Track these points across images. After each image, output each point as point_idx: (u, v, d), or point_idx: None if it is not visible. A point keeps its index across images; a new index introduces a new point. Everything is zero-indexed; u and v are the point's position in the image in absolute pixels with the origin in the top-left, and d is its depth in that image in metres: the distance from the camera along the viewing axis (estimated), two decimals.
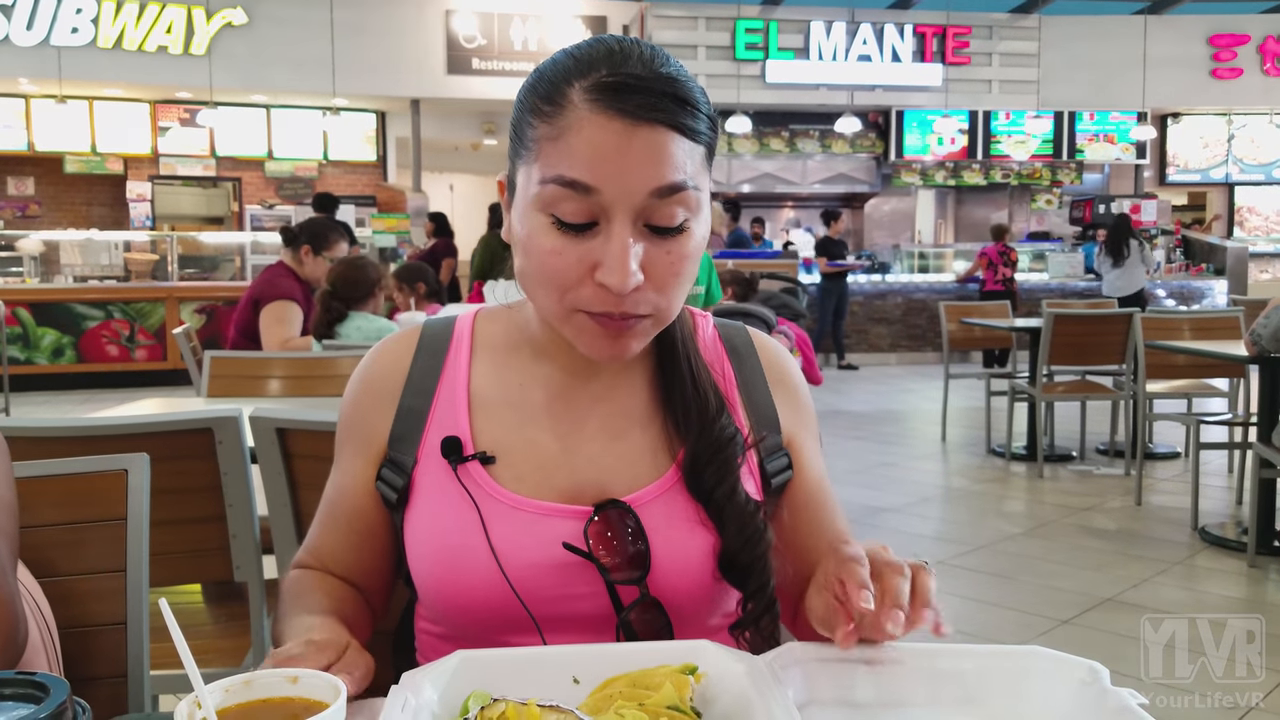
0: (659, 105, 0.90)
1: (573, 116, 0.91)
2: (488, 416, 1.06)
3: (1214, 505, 5.19)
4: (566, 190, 0.90)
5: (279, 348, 4.18)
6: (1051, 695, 0.83)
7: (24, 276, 10.86)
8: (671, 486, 1.03)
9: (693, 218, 0.94)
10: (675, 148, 0.91)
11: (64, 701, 0.66)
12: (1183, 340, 5.12)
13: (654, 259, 0.93)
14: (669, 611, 1.00)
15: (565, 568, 0.99)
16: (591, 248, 0.91)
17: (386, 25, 12.19)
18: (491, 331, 1.12)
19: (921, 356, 12.02)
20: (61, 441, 1.89)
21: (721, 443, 1.03)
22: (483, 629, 1.01)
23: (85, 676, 1.26)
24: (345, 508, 1.10)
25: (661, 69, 0.93)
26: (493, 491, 1.01)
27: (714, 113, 0.98)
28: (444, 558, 1.00)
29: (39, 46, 11.34)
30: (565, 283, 0.93)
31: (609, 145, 0.89)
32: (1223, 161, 15.16)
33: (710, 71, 12.54)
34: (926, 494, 5.76)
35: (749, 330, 1.17)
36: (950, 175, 13.88)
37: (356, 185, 13.61)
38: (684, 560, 1.00)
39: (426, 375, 1.09)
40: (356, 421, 1.11)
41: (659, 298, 0.94)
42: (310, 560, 1.12)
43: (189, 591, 2.43)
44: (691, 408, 1.05)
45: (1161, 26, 13.63)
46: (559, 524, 1.00)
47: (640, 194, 0.90)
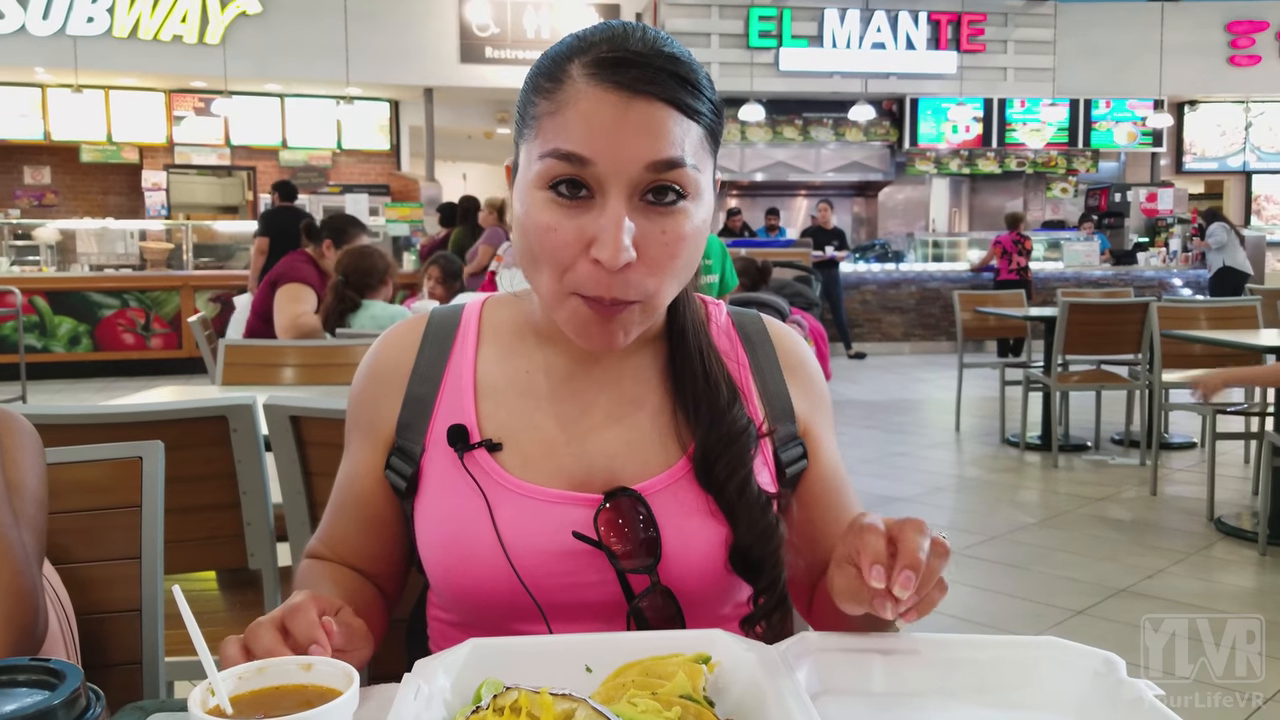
0: (656, 79, 0.90)
1: (571, 91, 0.91)
2: (494, 403, 1.06)
3: (1230, 496, 5.16)
4: (563, 163, 0.90)
5: (289, 324, 4.20)
6: (1066, 686, 0.83)
7: (41, 265, 10.93)
8: (683, 476, 1.02)
9: (690, 198, 0.93)
10: (673, 123, 0.91)
11: (77, 688, 0.67)
12: (1199, 329, 5.08)
13: (649, 237, 0.92)
14: (679, 600, 1.00)
15: (574, 555, 0.98)
16: (586, 223, 0.91)
17: (399, 14, 12.19)
18: (499, 318, 1.12)
19: (935, 346, 11.98)
20: (77, 429, 1.90)
21: (733, 436, 1.02)
22: (492, 617, 1.01)
23: (100, 663, 1.27)
24: (355, 496, 1.10)
25: (663, 48, 0.93)
26: (500, 479, 1.01)
27: (719, 100, 0.98)
28: (451, 546, 1.00)
29: (55, 36, 11.38)
30: (562, 260, 0.92)
31: (605, 117, 0.89)
32: (1240, 149, 15.04)
33: (723, 59, 12.50)
34: (940, 484, 5.75)
35: (763, 318, 1.16)
36: (965, 163, 13.80)
37: (370, 174, 13.64)
38: (695, 550, 0.99)
39: (433, 363, 1.09)
40: (364, 410, 1.11)
41: (651, 280, 0.93)
42: (322, 550, 1.12)
43: (203, 578, 2.45)
44: (703, 399, 1.04)
45: (1178, 13, 13.52)
46: (567, 511, 1.00)
47: (635, 167, 0.90)
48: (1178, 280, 12.05)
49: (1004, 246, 10.55)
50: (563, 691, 0.70)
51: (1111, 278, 11.88)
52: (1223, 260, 10.57)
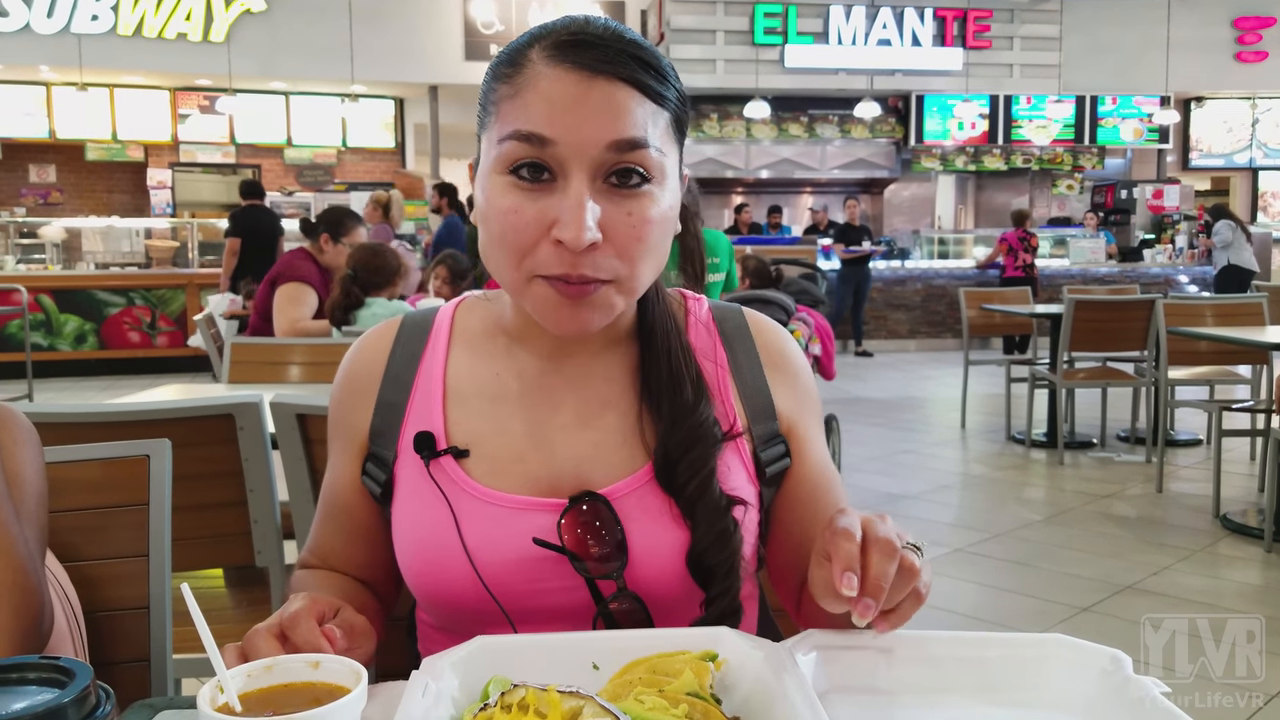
0: (618, 60, 0.90)
1: (530, 73, 0.91)
2: (463, 408, 1.04)
3: (1236, 493, 5.15)
4: (523, 144, 0.89)
5: (289, 329, 4.20)
6: (1073, 684, 0.83)
7: (46, 263, 10.94)
8: (649, 479, 1.00)
9: (655, 182, 0.92)
10: (635, 105, 0.90)
11: (87, 686, 0.67)
12: (1205, 326, 5.07)
13: (614, 220, 0.90)
14: (647, 604, 0.98)
15: (539, 562, 0.97)
16: (549, 205, 0.90)
17: (404, 11, 12.20)
18: (470, 321, 1.10)
19: (941, 343, 11.97)
20: (84, 427, 1.90)
21: (696, 437, 0.99)
22: (463, 622, 1.00)
23: (108, 660, 1.27)
24: (338, 504, 1.10)
25: (626, 34, 0.93)
26: (466, 486, 1.00)
27: (684, 89, 0.97)
28: (421, 553, 1.00)
29: (60, 34, 11.40)
30: (523, 244, 0.91)
31: (566, 96, 0.89)
32: (1247, 146, 15.01)
33: (729, 56, 12.49)
34: (946, 481, 5.74)
35: (745, 312, 1.13)
36: (970, 160, 13.79)
37: (375, 172, 13.64)
38: (662, 554, 0.98)
39: (404, 368, 1.07)
40: (341, 417, 1.10)
41: (620, 264, 0.92)
42: (312, 559, 1.12)
43: (210, 576, 2.45)
44: (665, 399, 1.02)
45: (1185, 9, 13.47)
46: (532, 518, 0.98)
47: (597, 146, 0.89)
48: (1184, 277, 12.02)
49: (1010, 243, 10.54)
50: (570, 689, 0.70)
51: (1117, 275, 11.86)
52: (1228, 258, 10.55)
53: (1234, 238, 10.50)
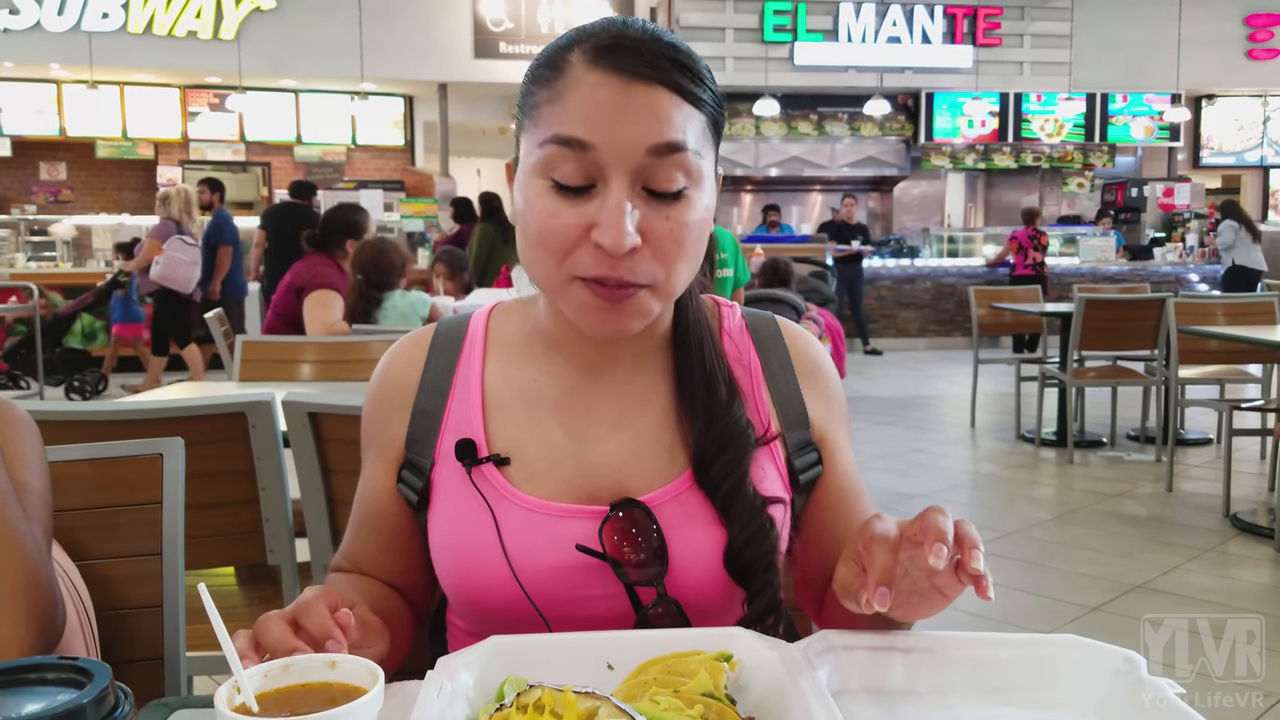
0: (657, 64, 0.90)
1: (571, 77, 0.91)
2: (502, 415, 1.05)
3: (1247, 492, 5.13)
4: (563, 149, 0.90)
5: (324, 332, 4.20)
6: (1087, 684, 0.83)
7: (57, 261, 10.98)
8: (689, 485, 1.01)
9: (693, 185, 0.93)
10: (674, 109, 0.90)
11: (106, 686, 0.67)
12: (1216, 325, 5.06)
13: (653, 225, 0.91)
14: (687, 611, 0.98)
15: (580, 569, 0.98)
16: (588, 209, 0.90)
17: (414, 9, 12.20)
18: (505, 327, 1.11)
19: (951, 341, 11.94)
20: (97, 426, 1.91)
21: (730, 436, 1.00)
22: (503, 629, 1.00)
23: (121, 659, 1.28)
24: (372, 512, 1.10)
25: (663, 37, 0.93)
26: (507, 494, 1.00)
27: (719, 91, 0.97)
28: (461, 560, 1.00)
29: (70, 32, 11.43)
30: (562, 246, 0.91)
31: (606, 101, 0.89)
32: (1258, 144, 14.93)
33: (738, 54, 12.48)
34: (956, 480, 5.74)
35: (778, 320, 1.14)
36: (980, 158, 13.75)
37: (384, 169, 13.66)
38: (702, 559, 0.98)
39: (440, 377, 1.08)
40: (375, 427, 1.11)
41: (658, 268, 0.92)
42: (345, 565, 1.13)
43: (222, 574, 2.46)
44: (700, 399, 1.02)
45: (1196, 6, 13.40)
46: (574, 525, 0.99)
47: (637, 152, 0.89)
48: (1194, 275, 11.98)
49: (1020, 242, 10.51)
50: (585, 689, 0.70)
51: (1128, 273, 11.82)
52: (1232, 259, 10.48)
53: (1236, 239, 10.42)
